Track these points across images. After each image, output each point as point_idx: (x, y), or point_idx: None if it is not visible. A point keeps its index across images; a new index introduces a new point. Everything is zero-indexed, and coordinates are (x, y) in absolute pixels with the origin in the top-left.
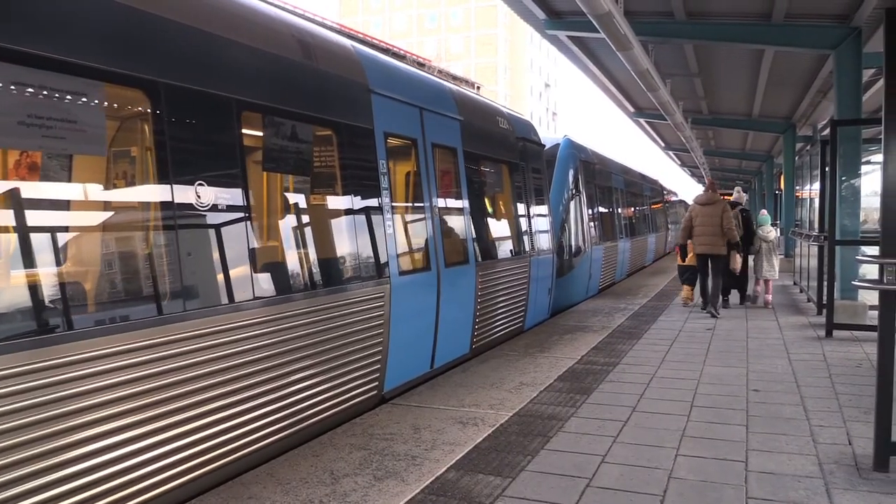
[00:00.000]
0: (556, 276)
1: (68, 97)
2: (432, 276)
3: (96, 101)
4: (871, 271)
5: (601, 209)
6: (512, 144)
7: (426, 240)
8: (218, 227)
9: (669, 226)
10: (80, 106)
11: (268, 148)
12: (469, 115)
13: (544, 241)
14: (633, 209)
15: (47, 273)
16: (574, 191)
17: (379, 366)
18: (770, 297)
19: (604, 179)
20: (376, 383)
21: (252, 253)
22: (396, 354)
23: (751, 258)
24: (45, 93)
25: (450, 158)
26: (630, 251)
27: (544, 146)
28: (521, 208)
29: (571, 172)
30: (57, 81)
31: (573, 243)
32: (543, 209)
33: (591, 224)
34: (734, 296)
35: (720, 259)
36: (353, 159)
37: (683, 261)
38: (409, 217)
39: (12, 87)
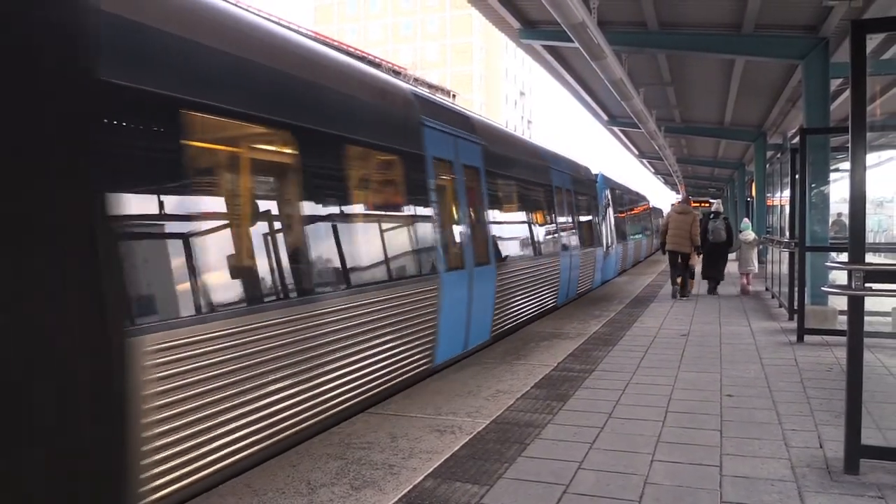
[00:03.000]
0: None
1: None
2: (566, 255)
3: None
4: (840, 277)
5: (619, 220)
6: (584, 182)
7: (562, 237)
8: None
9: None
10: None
11: (527, 193)
12: (575, 171)
13: (599, 240)
14: (634, 220)
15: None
16: (606, 208)
17: (558, 293)
18: (750, 288)
19: (620, 199)
20: (556, 299)
21: (523, 237)
22: (561, 289)
23: (732, 256)
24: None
25: (569, 195)
26: (633, 248)
27: (596, 181)
28: (591, 220)
29: (604, 197)
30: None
31: (608, 242)
32: (599, 220)
33: (615, 230)
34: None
35: (686, 255)
36: (549, 200)
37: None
38: (561, 226)
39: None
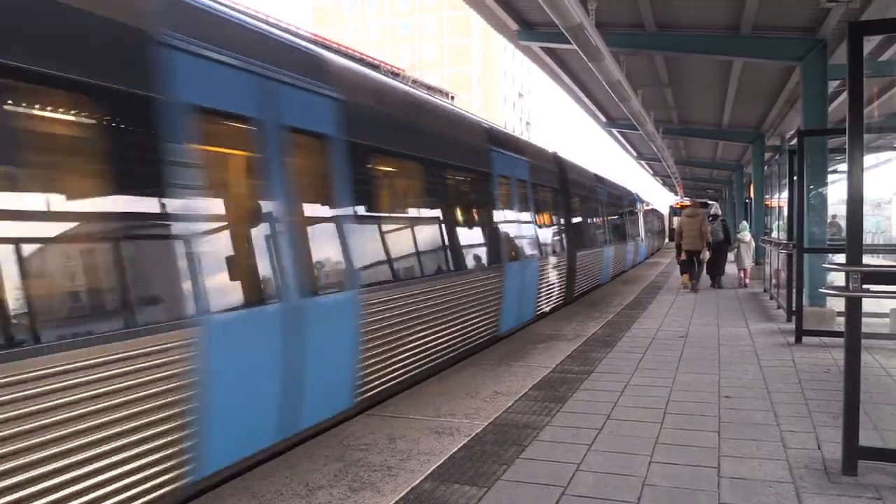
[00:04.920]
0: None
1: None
2: (632, 242)
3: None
4: (838, 278)
5: (644, 223)
6: (632, 200)
7: (629, 233)
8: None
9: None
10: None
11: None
12: (629, 193)
13: (639, 235)
14: (651, 221)
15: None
16: (639, 215)
17: (625, 264)
18: (747, 281)
19: (644, 209)
20: (623, 267)
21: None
22: (627, 262)
23: (731, 254)
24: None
25: (627, 208)
26: (651, 242)
27: (635, 199)
28: (635, 224)
29: (638, 208)
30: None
31: (642, 237)
32: (637, 223)
33: (643, 229)
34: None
35: (699, 253)
36: (621, 212)
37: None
38: (627, 227)
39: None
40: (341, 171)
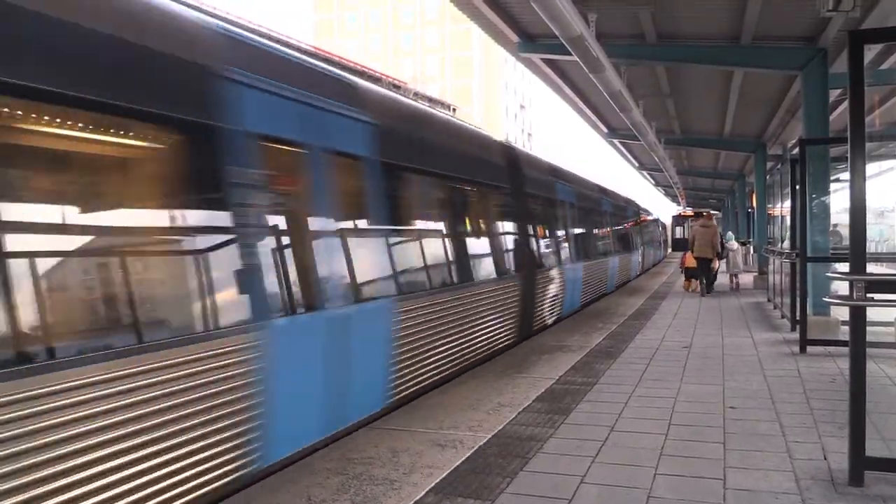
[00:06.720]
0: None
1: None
2: (656, 246)
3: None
4: (842, 287)
5: (661, 234)
6: (655, 219)
7: (655, 242)
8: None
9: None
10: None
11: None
12: (653, 216)
13: (659, 243)
14: (662, 233)
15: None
16: (656, 229)
17: (655, 261)
18: (738, 285)
19: (660, 224)
20: (653, 264)
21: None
22: (656, 259)
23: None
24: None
25: (653, 226)
26: (663, 248)
27: (658, 219)
28: (657, 236)
29: (657, 223)
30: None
31: (659, 244)
32: (657, 236)
33: (660, 239)
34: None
35: (710, 261)
36: (652, 230)
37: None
38: (656, 238)
39: None
40: (653, 229)
